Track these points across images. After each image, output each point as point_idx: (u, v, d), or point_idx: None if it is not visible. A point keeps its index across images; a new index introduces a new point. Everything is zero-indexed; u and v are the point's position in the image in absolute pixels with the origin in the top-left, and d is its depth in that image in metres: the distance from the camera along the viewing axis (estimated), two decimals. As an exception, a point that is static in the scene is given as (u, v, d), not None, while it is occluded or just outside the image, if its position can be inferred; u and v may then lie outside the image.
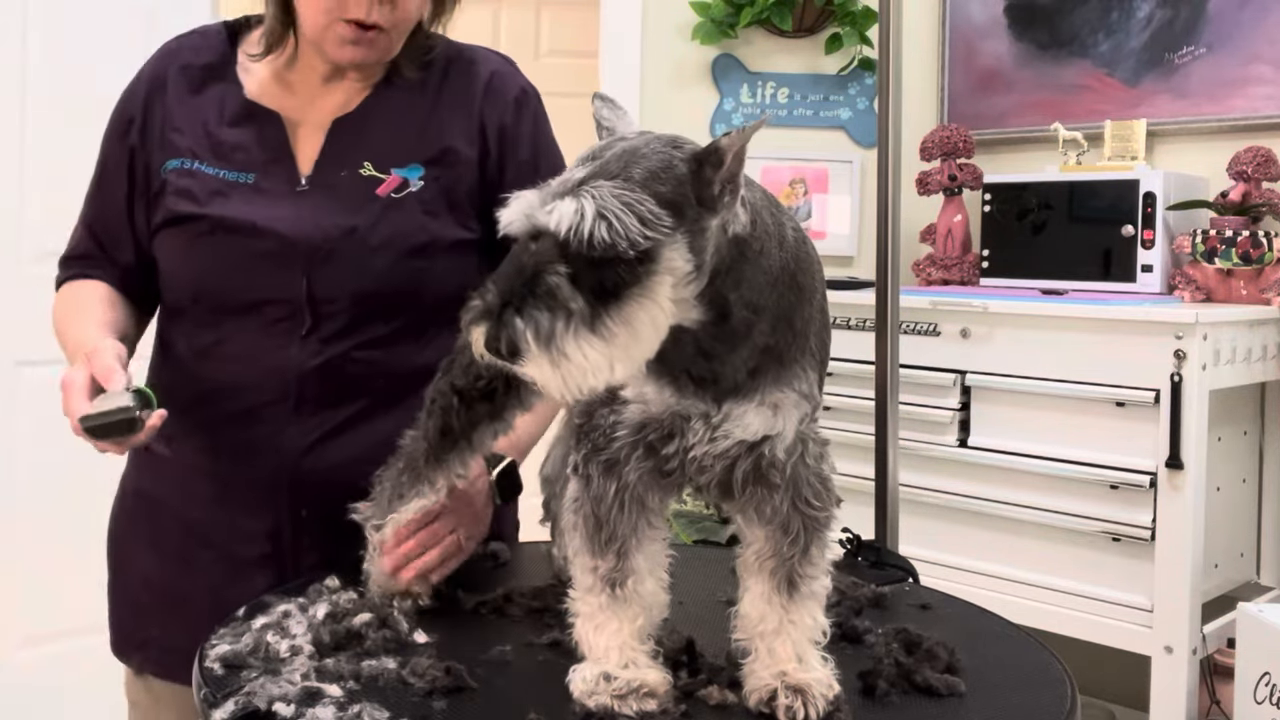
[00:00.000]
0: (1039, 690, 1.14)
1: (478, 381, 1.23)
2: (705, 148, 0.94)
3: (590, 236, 0.89)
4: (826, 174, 3.38)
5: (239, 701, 1.02)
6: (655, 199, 0.91)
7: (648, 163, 0.93)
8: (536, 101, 1.54)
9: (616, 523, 1.05)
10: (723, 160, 0.93)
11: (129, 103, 1.50)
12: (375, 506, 1.30)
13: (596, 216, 0.89)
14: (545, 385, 0.91)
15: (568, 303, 0.89)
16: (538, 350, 0.89)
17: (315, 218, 1.40)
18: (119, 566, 1.54)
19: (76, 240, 1.53)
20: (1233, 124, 2.85)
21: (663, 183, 0.93)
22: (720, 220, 0.96)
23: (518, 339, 0.89)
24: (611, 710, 1.00)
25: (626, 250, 0.90)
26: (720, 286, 0.98)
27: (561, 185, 0.92)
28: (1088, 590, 2.46)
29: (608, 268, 0.90)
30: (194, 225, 1.42)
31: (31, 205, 2.74)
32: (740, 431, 1.02)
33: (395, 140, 1.45)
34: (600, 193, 0.90)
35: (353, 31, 1.38)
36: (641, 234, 0.90)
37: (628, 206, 0.90)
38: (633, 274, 0.91)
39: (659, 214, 0.91)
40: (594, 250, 0.89)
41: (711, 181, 0.94)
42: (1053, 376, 2.50)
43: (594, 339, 0.90)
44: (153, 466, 1.50)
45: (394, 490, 1.29)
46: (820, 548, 1.06)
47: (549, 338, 0.89)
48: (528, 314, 0.89)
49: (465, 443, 1.26)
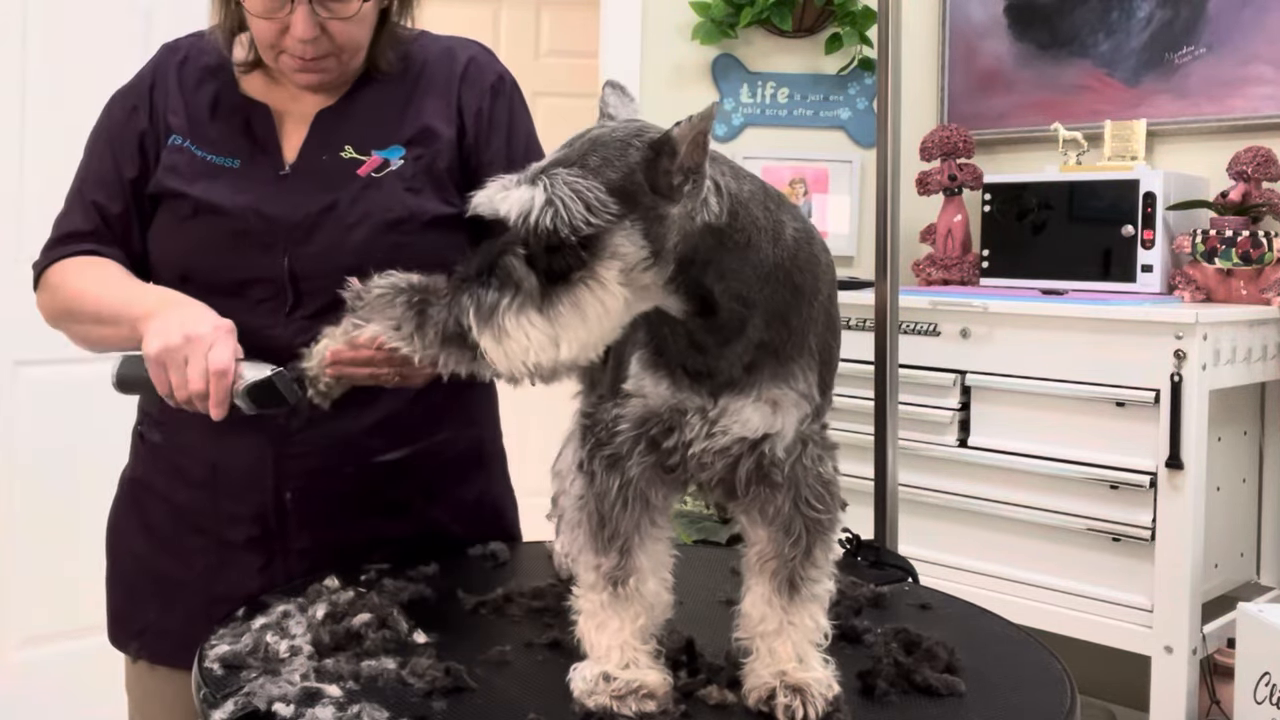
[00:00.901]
0: (1039, 690, 1.14)
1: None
2: (659, 137, 0.96)
3: (535, 224, 0.93)
4: (826, 174, 3.38)
5: (239, 702, 1.02)
6: (605, 186, 0.94)
7: (605, 151, 0.96)
8: (513, 87, 1.56)
9: (619, 520, 1.05)
10: (676, 149, 0.95)
11: (133, 90, 1.50)
12: (369, 303, 1.23)
13: (545, 204, 0.94)
14: (492, 359, 0.96)
15: (520, 281, 0.95)
16: (478, 325, 0.95)
17: (295, 198, 1.42)
18: (115, 555, 1.55)
19: (79, 218, 1.49)
20: (1233, 124, 2.85)
21: (614, 169, 0.95)
22: (685, 209, 0.97)
23: (461, 314, 0.96)
24: (611, 710, 1.00)
25: (569, 236, 0.94)
26: (699, 276, 0.99)
27: (527, 173, 0.97)
28: (1088, 590, 2.46)
29: (557, 252, 0.95)
30: (179, 206, 1.44)
31: (31, 205, 2.74)
32: (739, 428, 1.03)
33: (376, 125, 1.47)
34: (554, 180, 0.95)
35: (299, 61, 1.41)
36: (585, 220, 0.94)
37: (576, 194, 0.94)
38: (578, 259, 0.95)
39: (605, 201, 0.94)
40: (540, 236, 0.94)
41: (669, 171, 0.96)
42: (1053, 376, 2.50)
43: (538, 317, 0.95)
44: (147, 454, 1.52)
45: (391, 310, 1.20)
46: (824, 550, 1.06)
47: (489, 313, 0.95)
48: (473, 291, 0.96)
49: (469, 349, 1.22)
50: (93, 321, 1.43)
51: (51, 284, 1.48)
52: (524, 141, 1.54)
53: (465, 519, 1.56)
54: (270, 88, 1.49)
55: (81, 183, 1.50)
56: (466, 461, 1.57)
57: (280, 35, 1.39)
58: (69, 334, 1.50)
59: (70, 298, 1.45)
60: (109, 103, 1.52)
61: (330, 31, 1.39)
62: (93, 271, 1.45)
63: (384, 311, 1.17)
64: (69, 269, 1.47)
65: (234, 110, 1.48)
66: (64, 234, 1.50)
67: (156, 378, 1.28)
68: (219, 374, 1.25)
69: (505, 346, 0.95)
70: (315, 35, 1.37)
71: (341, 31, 1.40)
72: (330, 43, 1.40)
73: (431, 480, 1.52)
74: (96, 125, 1.52)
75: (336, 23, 1.39)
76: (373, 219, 1.41)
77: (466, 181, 1.50)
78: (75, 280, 1.45)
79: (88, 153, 1.51)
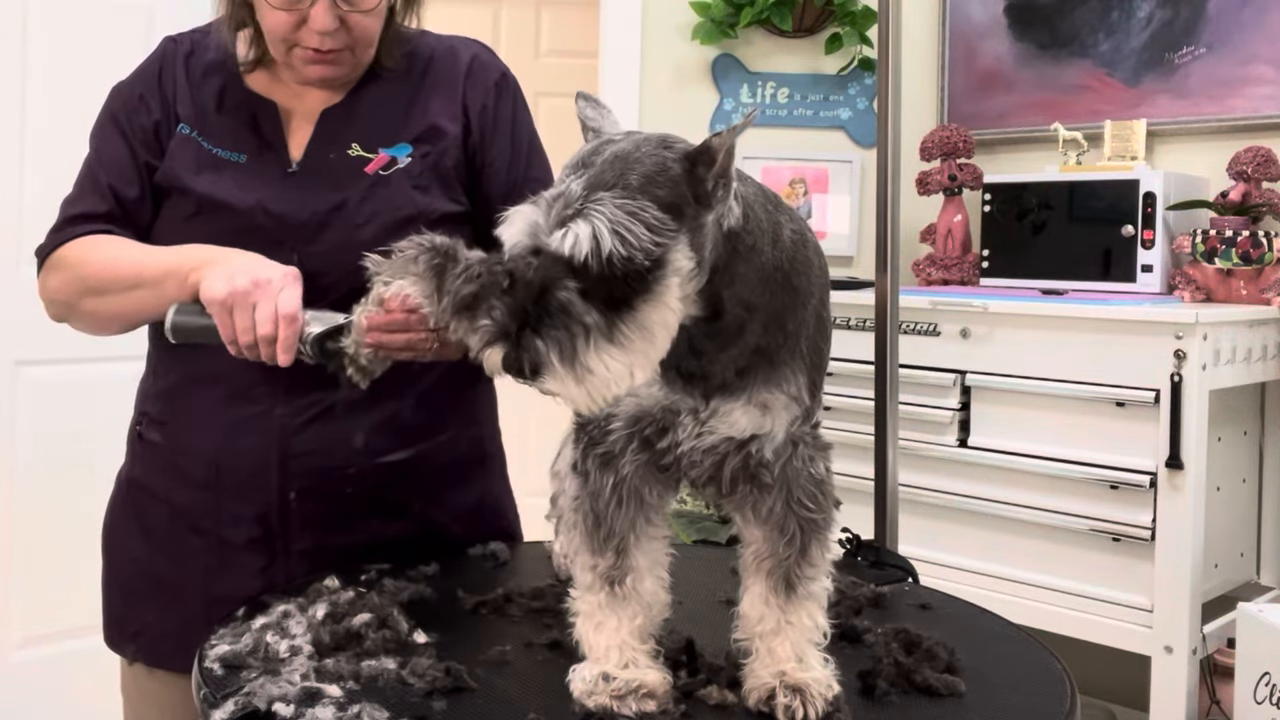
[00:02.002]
0: (1039, 690, 1.14)
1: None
2: (697, 147, 0.95)
3: (609, 256, 0.90)
4: (826, 174, 3.38)
5: (239, 701, 1.02)
6: (656, 204, 0.92)
7: (642, 167, 0.94)
8: (515, 86, 1.56)
9: (614, 519, 1.05)
10: (714, 159, 0.94)
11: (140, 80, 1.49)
12: (392, 266, 1.24)
13: (611, 234, 0.90)
14: (570, 399, 0.92)
15: (582, 317, 0.91)
16: (563, 369, 0.91)
17: (303, 197, 1.42)
18: (111, 556, 1.55)
19: (94, 200, 1.46)
20: (1233, 124, 2.85)
21: (660, 186, 0.93)
22: (715, 215, 0.97)
23: (540, 360, 0.91)
24: (611, 710, 1.00)
25: (643, 262, 0.91)
26: (715, 283, 0.98)
27: (563, 204, 0.93)
28: (1088, 590, 2.46)
29: (615, 280, 0.91)
30: (182, 203, 1.43)
31: (31, 206, 2.74)
32: (727, 429, 1.03)
33: (382, 123, 1.47)
34: (605, 208, 0.91)
35: (311, 54, 1.40)
36: (652, 242, 0.91)
37: (633, 216, 0.91)
38: (643, 281, 0.92)
39: (663, 219, 0.92)
40: (613, 268, 0.90)
41: (704, 179, 0.95)
42: (1053, 376, 2.50)
43: (613, 349, 0.91)
44: (145, 454, 1.51)
45: (413, 266, 1.23)
46: (820, 549, 1.06)
47: (572, 356, 0.90)
48: (547, 334, 0.91)
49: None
50: (128, 288, 1.38)
51: (67, 262, 1.43)
52: (526, 140, 1.54)
53: (466, 519, 1.56)
54: (274, 85, 1.49)
55: (93, 167, 1.48)
56: (467, 462, 1.57)
57: (295, 28, 1.38)
58: (83, 315, 1.45)
59: (97, 269, 1.40)
60: (112, 93, 1.51)
61: (348, 24, 1.39)
62: (117, 244, 1.42)
63: (407, 269, 1.18)
64: (86, 245, 1.43)
65: (240, 105, 1.47)
66: (75, 215, 1.46)
67: (221, 321, 1.27)
68: (289, 318, 1.24)
69: (588, 385, 0.91)
70: (335, 27, 1.37)
71: (359, 24, 1.40)
72: (347, 36, 1.40)
73: (433, 481, 1.52)
74: (101, 115, 1.50)
75: (355, 15, 1.39)
76: (381, 217, 1.40)
77: (471, 180, 1.50)
78: (100, 253, 1.41)
79: (97, 141, 1.49)
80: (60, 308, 1.47)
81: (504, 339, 0.91)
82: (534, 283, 0.91)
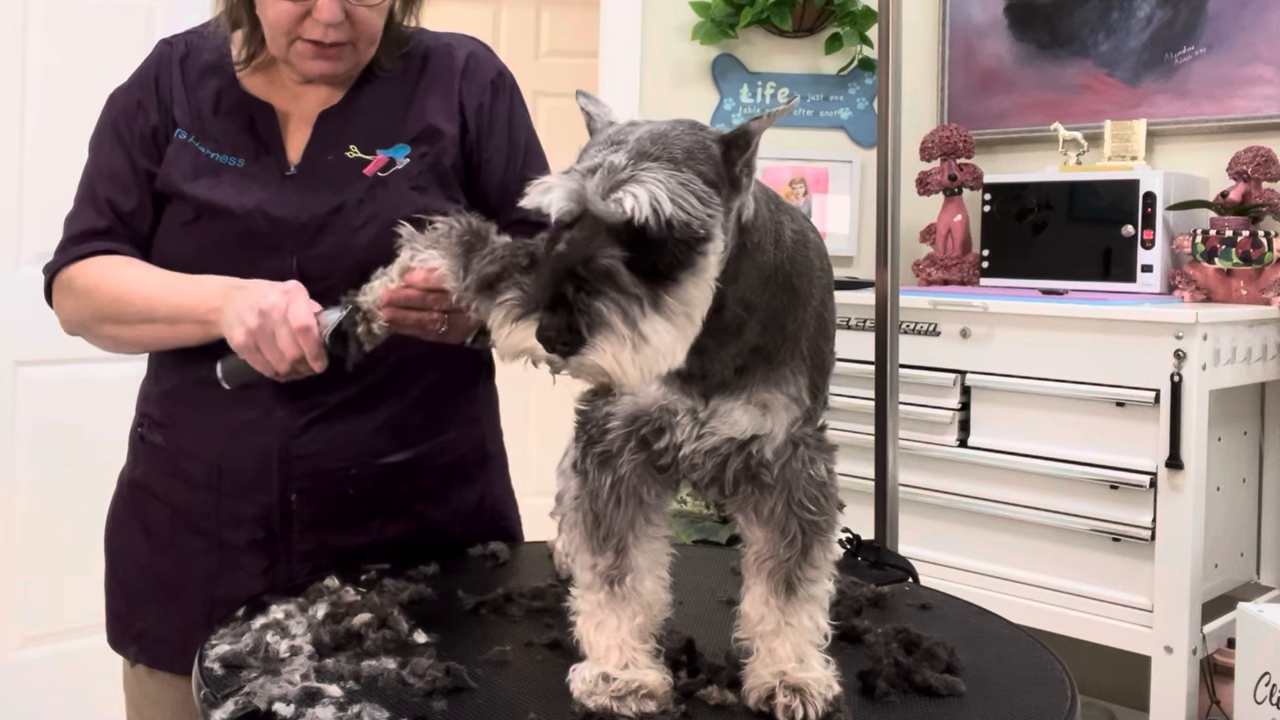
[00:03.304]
0: (1039, 690, 1.14)
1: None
2: (734, 130, 0.95)
3: (670, 220, 0.88)
4: (826, 174, 3.38)
5: (239, 701, 1.02)
6: (700, 179, 0.92)
7: (683, 144, 0.93)
8: (512, 84, 1.56)
9: (614, 519, 1.05)
10: (750, 143, 0.94)
11: (137, 85, 1.49)
12: (424, 238, 1.26)
13: (671, 200, 0.88)
14: (619, 371, 0.87)
15: (630, 287, 0.87)
16: (626, 331, 0.86)
17: (302, 199, 1.42)
18: (114, 558, 1.55)
19: (93, 215, 1.46)
20: (1233, 124, 2.85)
21: (702, 163, 0.93)
22: (740, 203, 0.97)
23: (600, 322, 0.86)
24: (611, 711, 1.00)
25: (698, 230, 0.89)
26: (720, 278, 0.97)
27: (608, 172, 0.90)
28: (1088, 590, 2.46)
29: (662, 250, 0.89)
30: (180, 209, 1.43)
31: (31, 206, 2.74)
32: (728, 429, 1.02)
33: (380, 124, 1.47)
34: (659, 175, 0.89)
35: (313, 48, 1.40)
36: (705, 214, 0.90)
37: (684, 186, 0.90)
38: (689, 254, 0.90)
39: (709, 193, 0.91)
40: (672, 233, 0.88)
41: (735, 163, 0.95)
42: (1053, 376, 2.50)
43: (662, 321, 0.88)
44: (147, 456, 1.51)
45: (444, 240, 1.25)
46: (822, 551, 1.06)
47: (631, 321, 0.86)
48: (606, 297, 0.86)
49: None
50: (142, 321, 1.40)
51: (79, 287, 1.44)
52: (524, 138, 1.54)
53: (467, 520, 1.56)
54: (271, 88, 1.48)
55: (91, 181, 1.48)
56: (468, 462, 1.57)
57: (298, 21, 1.38)
58: (101, 337, 1.47)
59: (111, 299, 1.41)
60: (110, 100, 1.51)
61: (354, 18, 1.39)
62: (128, 270, 1.42)
63: (437, 242, 1.20)
64: (97, 270, 1.43)
65: (237, 109, 1.47)
66: (78, 232, 1.46)
67: (255, 361, 1.29)
68: (303, 330, 1.26)
69: (643, 354, 0.87)
70: (341, 19, 1.37)
71: (364, 19, 1.40)
72: (351, 29, 1.40)
73: (434, 481, 1.52)
74: (99, 124, 1.50)
75: (362, 10, 1.39)
76: (380, 219, 1.40)
77: (469, 179, 1.50)
78: (113, 282, 1.42)
79: (95, 151, 1.50)
80: (76, 327, 1.49)
81: (534, 310, 0.88)
82: (571, 254, 0.88)
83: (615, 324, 0.86)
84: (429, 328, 1.30)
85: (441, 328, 1.30)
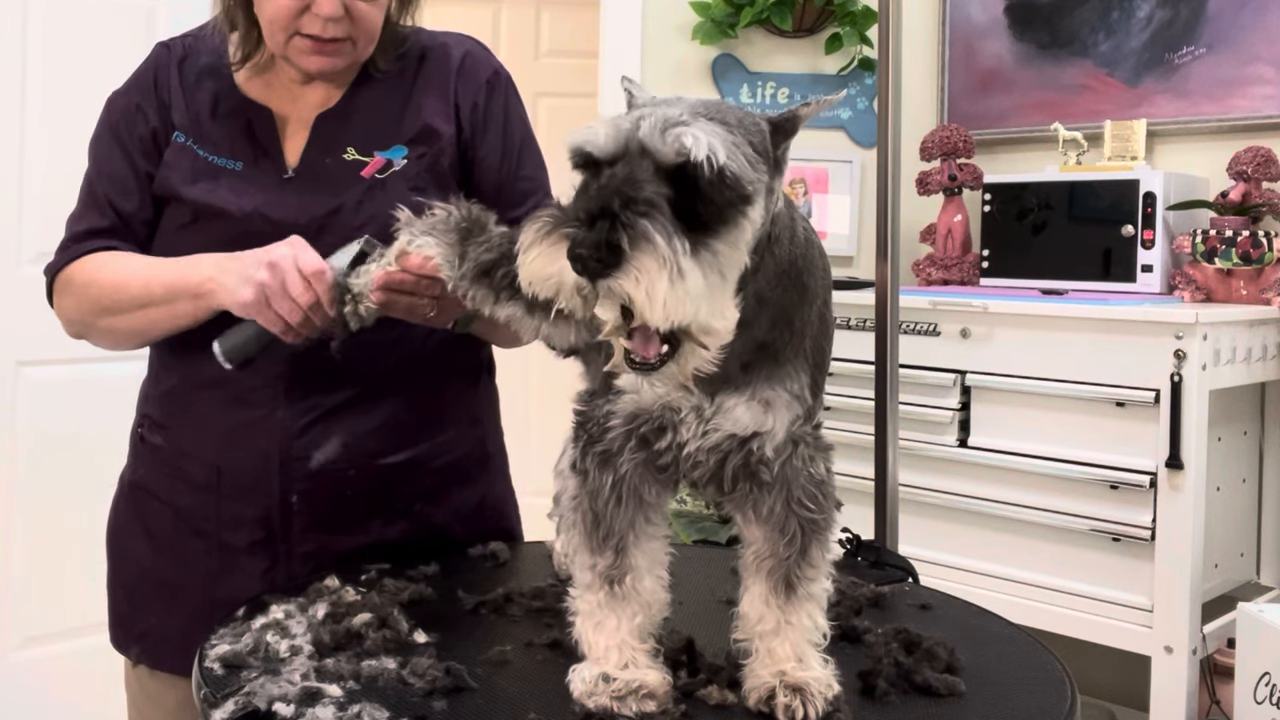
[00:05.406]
0: (1039, 690, 1.14)
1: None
2: (783, 114, 0.95)
3: (724, 169, 0.86)
4: (826, 174, 3.38)
5: (239, 701, 1.02)
6: (751, 147, 0.92)
7: (735, 113, 0.93)
8: (508, 82, 1.56)
9: (613, 518, 1.05)
10: (796, 128, 0.95)
11: (135, 88, 1.49)
12: (422, 224, 1.27)
13: (726, 148, 0.87)
14: (646, 305, 0.82)
15: (669, 225, 0.84)
16: (667, 254, 0.81)
17: (300, 202, 1.42)
18: (117, 559, 1.55)
19: (95, 216, 1.47)
20: (1233, 124, 2.85)
21: (752, 134, 0.93)
22: (778, 186, 0.97)
23: (640, 236, 0.81)
24: (611, 711, 1.00)
25: (746, 188, 0.88)
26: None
27: (661, 118, 0.88)
28: (1088, 590, 2.46)
29: (709, 202, 0.86)
30: (178, 212, 1.43)
31: (31, 206, 2.74)
32: (730, 425, 1.02)
33: (377, 126, 1.47)
34: (714, 129, 0.88)
35: (312, 43, 1.40)
36: (755, 176, 0.89)
37: (736, 147, 0.89)
38: (733, 213, 0.88)
39: (756, 159, 0.91)
40: (724, 181, 0.86)
41: (779, 145, 0.95)
42: (1053, 376, 2.50)
43: (698, 269, 0.85)
44: (147, 457, 1.51)
45: (441, 226, 1.26)
46: (820, 550, 1.06)
47: (675, 250, 0.82)
48: (653, 220, 0.82)
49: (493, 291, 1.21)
50: (140, 307, 1.40)
51: (78, 283, 1.45)
52: (519, 136, 1.54)
53: (467, 520, 1.56)
54: (268, 91, 1.48)
55: (92, 183, 1.49)
56: (469, 463, 1.57)
57: (296, 16, 1.38)
58: (102, 333, 1.47)
59: (108, 290, 1.42)
60: (109, 102, 1.51)
61: (354, 14, 1.39)
62: (125, 261, 1.43)
63: (434, 227, 1.19)
64: (95, 265, 1.44)
65: (234, 112, 1.47)
66: (80, 232, 1.47)
67: (265, 318, 1.29)
68: (317, 275, 1.26)
69: (676, 290, 0.81)
70: (341, 14, 1.38)
71: (363, 14, 1.40)
72: (350, 25, 1.40)
73: (434, 482, 1.52)
74: (99, 126, 1.51)
75: (361, 4, 1.39)
76: (379, 221, 1.40)
77: (466, 178, 1.50)
78: (109, 272, 1.42)
79: (95, 154, 1.50)
80: (78, 326, 1.49)
81: (570, 224, 0.83)
82: (613, 185, 0.84)
83: (659, 244, 0.81)
84: (418, 312, 1.31)
85: (431, 312, 1.31)
